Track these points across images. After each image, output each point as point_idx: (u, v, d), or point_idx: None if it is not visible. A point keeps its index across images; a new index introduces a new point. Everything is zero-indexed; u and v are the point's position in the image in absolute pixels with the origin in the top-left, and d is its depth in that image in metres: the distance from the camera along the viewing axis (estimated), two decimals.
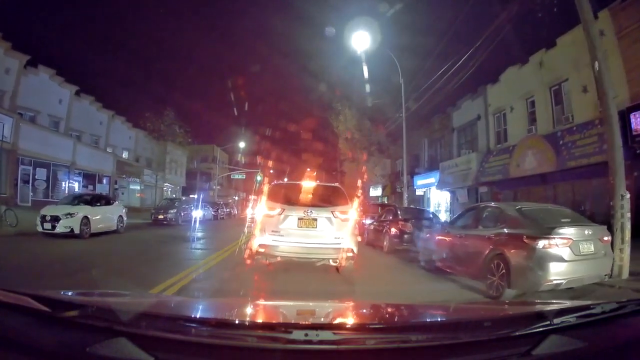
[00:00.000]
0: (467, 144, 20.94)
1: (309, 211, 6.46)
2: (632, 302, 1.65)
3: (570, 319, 1.52)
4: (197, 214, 24.02)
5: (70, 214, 11.65)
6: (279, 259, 6.65)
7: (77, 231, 11.54)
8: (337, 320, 1.86)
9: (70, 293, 2.07)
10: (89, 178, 27.63)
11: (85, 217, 11.93)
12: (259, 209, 6.83)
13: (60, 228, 11.42)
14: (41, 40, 39.35)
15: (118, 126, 31.94)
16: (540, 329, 1.44)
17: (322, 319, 1.88)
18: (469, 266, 5.93)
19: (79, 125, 27.00)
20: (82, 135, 27.59)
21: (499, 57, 17.32)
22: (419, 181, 24.90)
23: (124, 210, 14.42)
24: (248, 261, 6.94)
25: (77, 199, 13.30)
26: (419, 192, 25.49)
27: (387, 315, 2.04)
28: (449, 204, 22.15)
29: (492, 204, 6.89)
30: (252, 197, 61.01)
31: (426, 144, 25.88)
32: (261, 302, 2.90)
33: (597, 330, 1.51)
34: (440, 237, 7.35)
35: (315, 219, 6.44)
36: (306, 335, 1.29)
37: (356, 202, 7.37)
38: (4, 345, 1.26)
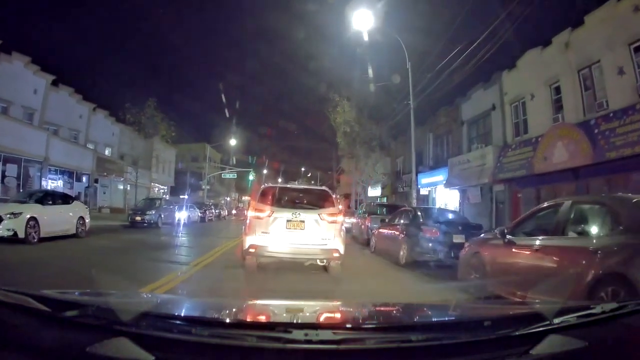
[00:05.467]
0: (480, 137, 19.01)
1: (297, 213, 6.56)
2: (632, 302, 1.65)
3: (570, 318, 1.50)
4: (182, 215, 22.01)
5: (14, 214, 9.54)
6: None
7: (21, 235, 9.42)
8: (337, 320, 1.84)
9: (70, 293, 1.91)
10: (67, 175, 25.47)
11: (33, 218, 9.80)
12: (249, 211, 6.97)
13: (2, 231, 9.32)
14: (15, 25, 36.92)
15: (100, 121, 29.66)
16: (540, 329, 1.42)
17: (322, 319, 1.84)
18: (558, 293, 3.87)
19: (55, 118, 24.75)
20: (59, 130, 25.38)
21: (515, 40, 15.58)
22: (424, 179, 22.95)
23: (86, 211, 12.23)
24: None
25: (31, 197, 11.22)
26: (423, 191, 23.54)
27: (387, 315, 2.04)
28: (458, 205, 20.16)
29: (587, 198, 4.71)
30: (245, 197, 59.91)
31: (431, 140, 23.96)
32: (261, 301, 2.72)
33: (597, 330, 1.49)
34: (497, 250, 5.15)
35: (303, 221, 6.53)
36: (306, 335, 1.28)
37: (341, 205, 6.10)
38: (4, 345, 1.27)
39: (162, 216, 18.62)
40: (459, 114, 20.55)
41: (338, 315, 1.98)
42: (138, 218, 17.66)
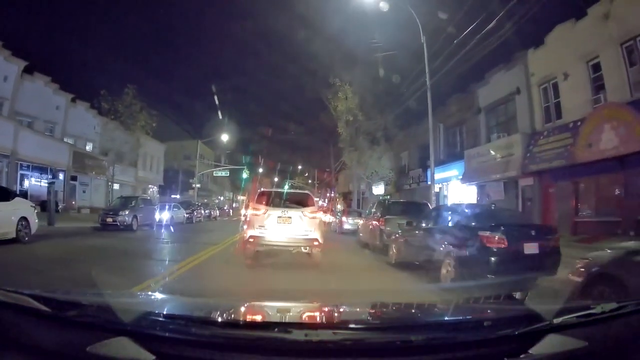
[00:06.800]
0: (501, 125, 16.86)
1: (285, 211, 7.99)
2: (632, 302, 1.60)
3: (570, 318, 1.47)
4: (164, 216, 19.68)
5: None
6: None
7: None
8: (337, 320, 1.83)
9: (70, 292, 1.94)
10: (40, 172, 23.14)
11: None
12: (249, 210, 8.36)
13: None
14: None
15: (80, 113, 27.03)
16: (540, 329, 1.40)
17: (322, 319, 1.86)
18: None
19: (29, 108, 22.34)
20: (34, 122, 23.04)
21: (541, 15, 13.50)
22: (435, 174, 20.75)
23: (32, 210, 9.82)
24: None
25: None
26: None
27: (387, 315, 2.01)
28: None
29: None
30: (239, 197, 57.61)
31: (441, 131, 21.73)
32: (261, 302, 2.63)
33: (597, 330, 1.46)
34: None
35: (290, 217, 7.91)
36: (306, 335, 1.28)
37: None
38: (4, 345, 1.26)
39: (138, 217, 16.13)
40: (474, 100, 18.35)
41: (338, 316, 1.94)
42: (109, 219, 15.21)
